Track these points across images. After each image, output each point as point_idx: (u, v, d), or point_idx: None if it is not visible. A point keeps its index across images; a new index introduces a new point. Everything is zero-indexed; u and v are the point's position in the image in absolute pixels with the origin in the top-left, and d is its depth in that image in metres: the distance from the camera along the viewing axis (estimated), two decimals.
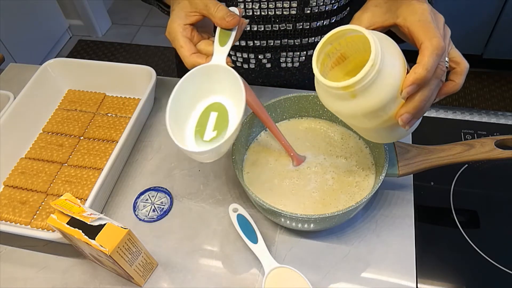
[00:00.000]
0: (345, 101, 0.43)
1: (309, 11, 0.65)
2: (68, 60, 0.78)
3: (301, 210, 0.56)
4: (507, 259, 0.55)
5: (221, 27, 0.50)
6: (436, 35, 0.41)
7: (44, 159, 0.70)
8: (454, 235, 0.58)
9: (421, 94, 0.41)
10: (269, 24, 0.67)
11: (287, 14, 0.65)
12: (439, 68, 0.41)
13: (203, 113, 0.52)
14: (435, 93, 0.43)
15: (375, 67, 0.40)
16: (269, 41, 0.70)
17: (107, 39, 2.37)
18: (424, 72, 0.40)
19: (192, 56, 0.50)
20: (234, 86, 0.49)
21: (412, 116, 0.42)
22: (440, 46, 0.40)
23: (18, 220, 0.62)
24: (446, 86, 0.46)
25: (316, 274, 0.55)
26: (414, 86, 0.41)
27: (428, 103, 0.43)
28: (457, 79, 0.46)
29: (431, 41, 0.41)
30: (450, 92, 0.46)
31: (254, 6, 0.65)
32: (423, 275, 0.55)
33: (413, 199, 0.61)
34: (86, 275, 0.58)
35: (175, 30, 0.50)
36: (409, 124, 0.43)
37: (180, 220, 0.62)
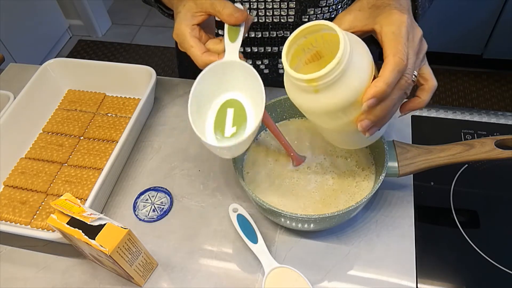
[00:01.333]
0: (308, 95, 0.44)
1: (306, 19, 0.66)
2: (68, 60, 0.78)
3: (301, 210, 0.56)
4: (507, 259, 0.55)
5: (229, 23, 0.51)
6: (401, 52, 0.41)
7: (44, 159, 0.70)
8: (454, 235, 0.58)
9: (383, 105, 0.42)
10: (266, 31, 0.68)
11: (284, 22, 0.66)
12: (403, 80, 0.42)
13: (220, 110, 0.53)
14: (398, 103, 0.44)
15: (341, 66, 0.40)
16: (267, 48, 0.71)
17: (107, 39, 2.37)
18: (384, 86, 0.40)
19: (204, 54, 0.50)
20: (250, 80, 0.50)
21: (372, 123, 0.43)
22: (402, 64, 0.41)
23: (18, 220, 0.62)
24: (411, 101, 0.47)
25: (316, 274, 0.55)
26: (374, 100, 0.41)
27: (390, 113, 0.43)
28: (423, 96, 0.47)
29: (395, 57, 0.41)
30: (415, 108, 0.47)
31: (252, 13, 0.66)
32: (423, 275, 0.55)
33: (413, 199, 0.61)
34: (86, 275, 0.58)
35: (183, 31, 0.51)
36: (369, 131, 0.44)
37: (180, 220, 0.62)
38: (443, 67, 1.98)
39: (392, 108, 0.43)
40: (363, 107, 0.41)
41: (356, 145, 0.54)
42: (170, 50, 2.24)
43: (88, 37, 2.40)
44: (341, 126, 0.46)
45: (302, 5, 0.65)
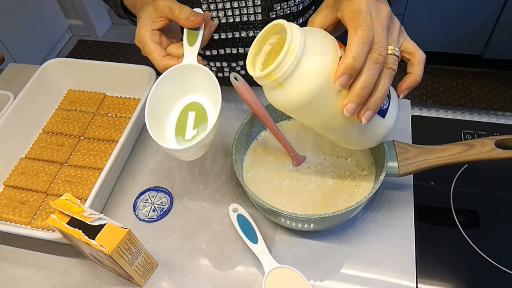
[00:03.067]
0: (277, 92, 0.43)
1: (274, 15, 0.66)
2: (68, 60, 0.78)
3: (301, 210, 0.56)
4: (507, 259, 0.55)
5: (187, 27, 0.52)
6: (362, 24, 0.40)
7: (44, 159, 0.70)
8: (454, 235, 0.58)
9: (361, 81, 0.40)
10: (237, 31, 0.68)
11: (253, 21, 0.66)
12: (376, 53, 0.40)
13: (181, 114, 0.54)
14: (385, 80, 0.42)
15: (292, 54, 0.40)
16: (239, 49, 0.71)
17: (107, 39, 2.37)
18: (350, 61, 0.39)
19: (163, 58, 0.51)
20: (208, 82, 0.50)
21: (357, 105, 0.41)
22: (365, 35, 0.40)
23: (18, 220, 0.62)
24: (405, 80, 0.46)
25: (316, 274, 0.55)
26: (345, 76, 0.40)
27: (375, 91, 0.41)
28: (414, 69, 0.45)
29: (356, 30, 0.40)
30: (411, 85, 0.46)
31: (220, 14, 0.66)
32: (423, 275, 0.55)
33: (413, 199, 0.61)
34: (86, 275, 0.58)
35: (143, 36, 0.52)
36: (364, 116, 0.42)
37: (180, 220, 0.62)
38: (443, 67, 1.98)
39: (373, 84, 0.41)
40: (336, 85, 0.40)
41: (365, 142, 0.50)
42: None
43: (88, 37, 2.40)
44: (331, 120, 0.45)
45: (268, 1, 0.64)
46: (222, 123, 0.73)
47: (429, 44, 1.80)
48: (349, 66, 0.39)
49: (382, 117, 0.46)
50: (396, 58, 0.43)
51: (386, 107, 0.46)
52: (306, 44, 0.41)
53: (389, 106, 0.46)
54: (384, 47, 0.41)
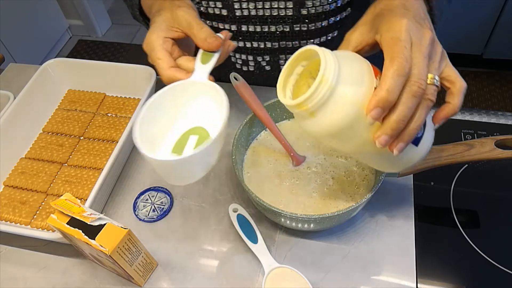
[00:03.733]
0: (309, 121, 0.42)
1: (305, 12, 0.64)
2: (68, 60, 0.78)
3: (301, 210, 0.56)
4: (507, 259, 0.55)
5: (203, 48, 0.49)
6: (399, 55, 0.38)
7: (44, 159, 0.70)
8: (454, 235, 0.58)
9: (397, 115, 0.39)
10: (265, 25, 0.67)
11: (283, 15, 0.65)
12: (415, 86, 0.38)
13: (183, 136, 0.49)
14: (421, 112, 0.40)
15: (326, 83, 0.38)
16: (267, 43, 0.70)
17: (107, 39, 2.37)
18: (384, 94, 0.38)
19: (170, 69, 0.48)
20: (216, 102, 0.47)
21: (390, 137, 0.39)
22: (401, 67, 0.38)
23: (18, 220, 0.62)
24: (442, 109, 0.44)
25: (316, 274, 0.55)
26: (378, 110, 0.38)
27: (410, 122, 0.40)
28: (453, 99, 0.43)
29: (392, 61, 0.38)
30: (449, 115, 0.43)
31: (250, 6, 0.64)
32: (423, 275, 0.55)
33: (413, 199, 0.61)
34: (86, 275, 0.58)
35: (153, 41, 0.48)
36: (396, 148, 0.40)
37: (180, 220, 0.62)
38: None
39: (409, 117, 0.39)
40: (368, 119, 0.39)
41: (394, 167, 0.48)
42: None
43: (88, 37, 2.40)
44: (362, 147, 0.43)
45: None
46: None
47: None
48: (382, 99, 0.38)
49: (415, 145, 0.43)
50: (436, 88, 0.40)
51: (420, 136, 0.43)
52: (340, 73, 0.39)
53: (423, 134, 0.43)
54: (424, 79, 0.39)
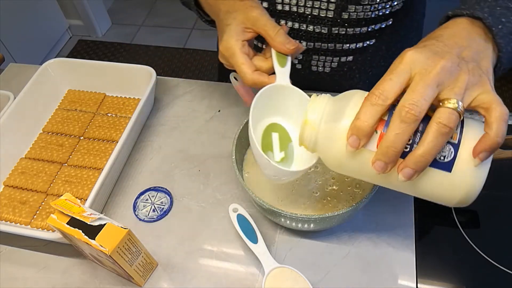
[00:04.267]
0: (316, 155, 0.46)
1: (346, 16, 0.63)
2: (68, 60, 0.78)
3: (301, 210, 0.56)
4: (507, 259, 0.55)
5: (279, 51, 0.51)
6: (376, 86, 0.38)
7: (44, 159, 0.70)
8: (454, 235, 0.58)
9: (385, 140, 0.37)
10: (304, 24, 0.66)
11: (323, 16, 0.64)
12: (403, 111, 0.36)
13: (265, 133, 0.53)
14: (430, 137, 0.36)
15: (309, 124, 0.43)
16: (302, 42, 0.68)
17: (107, 39, 2.37)
18: (356, 122, 0.38)
19: (254, 73, 0.50)
20: (298, 106, 0.50)
21: (385, 163, 0.38)
22: (372, 96, 0.38)
23: (18, 220, 0.62)
24: (480, 141, 0.38)
25: (316, 274, 0.55)
26: (354, 137, 0.39)
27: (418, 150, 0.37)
28: (489, 129, 0.37)
29: (372, 90, 0.38)
30: (487, 148, 0.37)
31: (292, 1, 0.64)
32: (423, 275, 0.55)
33: (413, 199, 0.61)
34: (86, 275, 0.58)
35: (233, 46, 0.50)
36: (402, 173, 0.38)
37: (180, 220, 0.62)
38: None
39: (402, 143, 0.37)
40: (347, 147, 0.40)
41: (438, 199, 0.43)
42: (170, 50, 2.24)
43: (88, 37, 2.40)
44: (377, 178, 0.42)
45: (343, 0, 0.62)
46: (222, 123, 0.73)
47: None
48: (355, 126, 0.38)
49: (447, 171, 0.39)
50: (452, 112, 0.36)
51: (451, 160, 0.39)
52: (328, 114, 0.42)
53: (455, 158, 0.39)
54: (417, 104, 0.36)
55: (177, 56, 2.21)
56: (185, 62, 2.19)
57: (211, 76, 2.11)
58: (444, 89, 0.37)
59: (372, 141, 0.40)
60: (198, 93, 0.79)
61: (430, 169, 0.39)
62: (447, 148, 0.38)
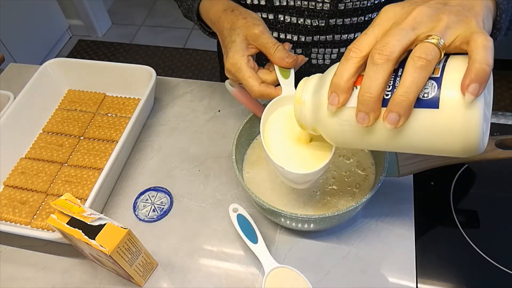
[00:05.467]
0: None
1: (342, 7, 0.64)
2: (68, 60, 0.78)
3: (301, 210, 0.56)
4: (507, 259, 0.55)
5: (279, 66, 0.53)
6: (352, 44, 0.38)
7: (44, 159, 0.70)
8: (454, 235, 0.58)
9: (360, 87, 0.37)
10: (301, 18, 0.66)
11: (319, 9, 0.64)
12: (375, 55, 0.35)
13: None
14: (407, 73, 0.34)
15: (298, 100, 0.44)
16: (301, 37, 0.69)
17: (107, 39, 2.37)
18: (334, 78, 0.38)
19: (261, 85, 0.52)
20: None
21: (365, 113, 0.37)
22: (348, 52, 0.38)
23: (18, 220, 0.62)
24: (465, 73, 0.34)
25: (316, 274, 0.55)
26: (333, 94, 0.39)
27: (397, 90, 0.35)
28: (473, 56, 0.33)
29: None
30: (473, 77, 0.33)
31: None
32: (423, 275, 0.55)
33: (413, 199, 0.61)
34: (86, 275, 0.58)
35: (239, 61, 0.52)
36: (387, 120, 0.36)
37: (180, 220, 0.62)
38: None
39: (376, 87, 0.36)
40: (328, 107, 0.39)
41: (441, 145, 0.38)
42: (170, 50, 2.24)
43: (88, 37, 2.40)
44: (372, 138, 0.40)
45: None
46: (222, 123, 0.73)
47: None
48: (332, 84, 0.38)
49: (434, 108, 0.35)
50: (431, 46, 0.34)
51: (435, 95, 0.35)
52: (313, 87, 0.43)
53: (439, 92, 0.35)
54: (389, 45, 0.35)
55: (177, 56, 2.21)
56: (185, 62, 2.19)
57: (211, 76, 2.11)
58: (421, 32, 0.36)
59: (353, 98, 0.38)
60: (198, 93, 0.79)
61: (416, 110, 0.36)
62: (429, 83, 0.35)
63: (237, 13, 0.55)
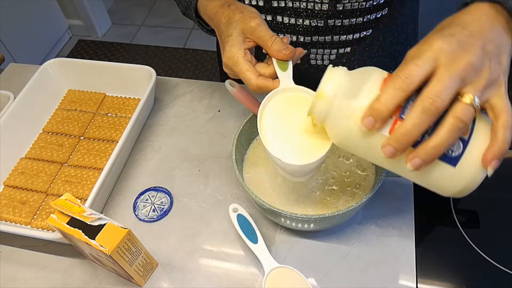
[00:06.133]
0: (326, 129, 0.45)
1: (341, 7, 0.63)
2: (68, 60, 0.78)
3: (301, 210, 0.56)
4: (507, 259, 0.55)
5: (277, 58, 0.52)
6: (402, 69, 0.38)
7: (44, 159, 0.70)
8: (454, 235, 0.58)
9: (402, 127, 0.37)
10: (300, 19, 0.66)
11: (318, 10, 0.64)
12: (427, 102, 0.36)
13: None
14: (443, 130, 0.36)
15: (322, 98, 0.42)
16: (299, 37, 0.69)
17: (107, 39, 2.37)
18: (376, 104, 0.38)
19: (259, 78, 0.51)
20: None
21: (395, 150, 0.38)
22: (397, 80, 0.37)
23: (18, 220, 0.62)
24: (488, 147, 0.39)
25: (316, 274, 0.55)
26: (370, 119, 0.38)
27: (430, 139, 0.37)
28: (495, 134, 0.38)
29: (395, 72, 0.38)
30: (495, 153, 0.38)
31: None
32: (423, 275, 0.55)
33: (413, 199, 0.61)
34: (86, 275, 0.58)
35: (236, 55, 0.52)
36: (411, 162, 0.38)
37: (180, 220, 0.62)
38: None
39: (417, 134, 0.37)
40: (361, 127, 0.39)
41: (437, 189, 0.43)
42: (170, 50, 2.24)
43: (88, 37, 2.40)
44: (385, 162, 0.42)
45: None
46: (222, 123, 0.73)
47: None
48: (374, 109, 0.38)
49: (452, 165, 0.39)
50: (470, 109, 0.37)
51: (458, 155, 0.39)
52: (344, 90, 0.41)
53: (462, 154, 0.39)
54: (440, 97, 0.36)
55: (177, 56, 2.21)
56: (185, 62, 2.19)
57: (211, 76, 2.11)
58: (466, 85, 0.38)
59: (386, 126, 0.39)
60: (198, 93, 0.79)
61: (436, 161, 0.39)
62: (457, 143, 0.39)
63: (234, 8, 0.54)
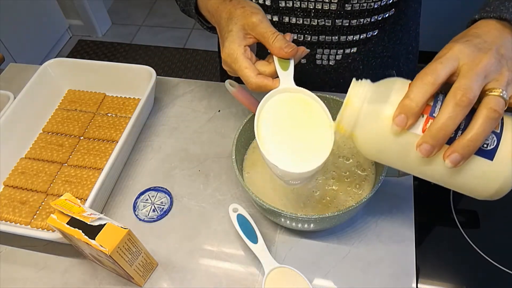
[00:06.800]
0: (354, 141, 0.45)
1: (349, 7, 0.63)
2: (68, 60, 0.78)
3: (301, 210, 0.56)
4: (507, 259, 0.55)
5: (279, 57, 0.51)
6: (428, 67, 0.39)
7: (44, 159, 0.70)
8: (454, 235, 0.58)
9: (436, 122, 0.37)
10: (308, 18, 0.65)
11: (326, 9, 0.64)
12: (459, 94, 0.37)
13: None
14: (478, 122, 0.37)
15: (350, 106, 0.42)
16: (306, 36, 0.68)
17: (107, 39, 2.37)
18: (406, 101, 0.38)
19: (258, 77, 0.50)
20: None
21: (432, 146, 0.38)
22: (426, 77, 0.38)
23: (18, 220, 0.62)
24: None
25: (316, 274, 0.55)
26: (402, 116, 0.39)
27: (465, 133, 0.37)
28: None
29: (420, 72, 0.39)
30: None
31: None
32: (423, 275, 0.55)
33: (413, 199, 0.61)
34: (86, 275, 0.58)
35: (236, 51, 0.50)
36: (449, 158, 0.38)
37: (180, 220, 0.62)
38: None
39: (453, 127, 0.37)
40: (393, 127, 0.39)
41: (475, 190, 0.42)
42: (170, 50, 2.24)
43: (88, 37, 2.40)
44: (416, 165, 0.42)
45: None
46: (222, 123, 0.73)
47: (429, 44, 1.80)
48: (404, 105, 0.38)
49: (489, 159, 0.39)
50: (501, 100, 0.38)
51: (493, 148, 0.39)
52: (371, 96, 0.42)
53: (497, 146, 0.39)
54: (472, 89, 0.37)
55: (177, 56, 2.21)
56: (185, 62, 2.19)
57: (211, 76, 2.11)
58: (490, 81, 0.38)
59: (418, 124, 0.39)
60: (198, 93, 0.79)
61: (473, 157, 0.39)
62: (490, 136, 0.39)
63: (235, 3, 0.53)
